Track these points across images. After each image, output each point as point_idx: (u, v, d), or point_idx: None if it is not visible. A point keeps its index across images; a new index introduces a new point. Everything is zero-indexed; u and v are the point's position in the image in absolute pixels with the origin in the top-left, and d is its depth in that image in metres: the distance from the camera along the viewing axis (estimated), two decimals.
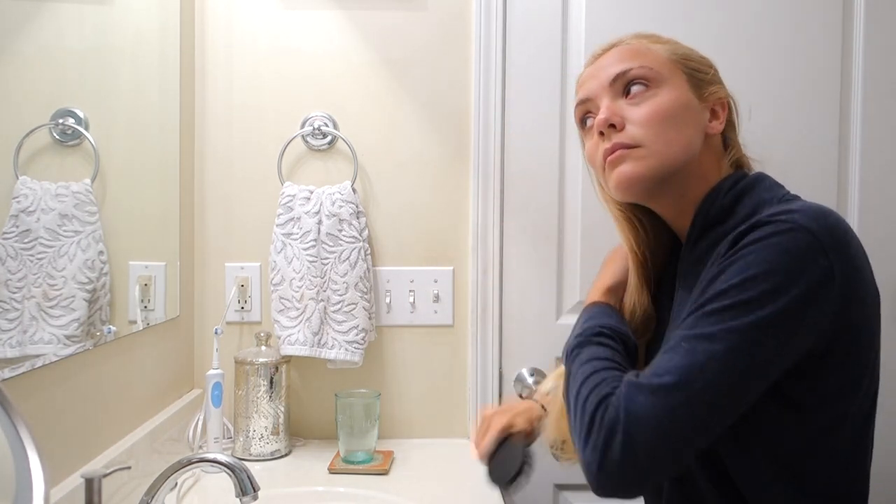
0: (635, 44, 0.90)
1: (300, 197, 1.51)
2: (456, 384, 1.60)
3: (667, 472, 0.75)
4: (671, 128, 0.85)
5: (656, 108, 0.85)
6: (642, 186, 0.86)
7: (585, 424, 0.76)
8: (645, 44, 0.90)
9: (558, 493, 1.59)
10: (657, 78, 0.86)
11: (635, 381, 0.75)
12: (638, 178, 0.85)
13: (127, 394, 1.23)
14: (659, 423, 0.71)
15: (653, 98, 0.86)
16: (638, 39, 0.91)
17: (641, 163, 0.85)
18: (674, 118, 0.85)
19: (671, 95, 0.86)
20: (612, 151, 0.86)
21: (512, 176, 1.57)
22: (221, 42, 1.56)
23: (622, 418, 0.72)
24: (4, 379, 0.85)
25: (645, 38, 0.91)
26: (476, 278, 1.57)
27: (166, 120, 1.42)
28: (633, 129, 0.85)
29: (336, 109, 1.57)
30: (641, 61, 0.87)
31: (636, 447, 0.71)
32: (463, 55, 1.57)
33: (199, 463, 1.00)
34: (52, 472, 0.77)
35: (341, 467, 1.39)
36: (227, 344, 1.55)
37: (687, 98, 0.87)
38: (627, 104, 0.87)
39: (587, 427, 0.76)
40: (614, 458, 0.72)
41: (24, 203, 0.92)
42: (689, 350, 0.73)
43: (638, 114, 0.86)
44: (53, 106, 1.01)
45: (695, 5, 1.56)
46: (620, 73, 0.87)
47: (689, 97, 0.87)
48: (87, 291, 1.05)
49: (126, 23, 1.23)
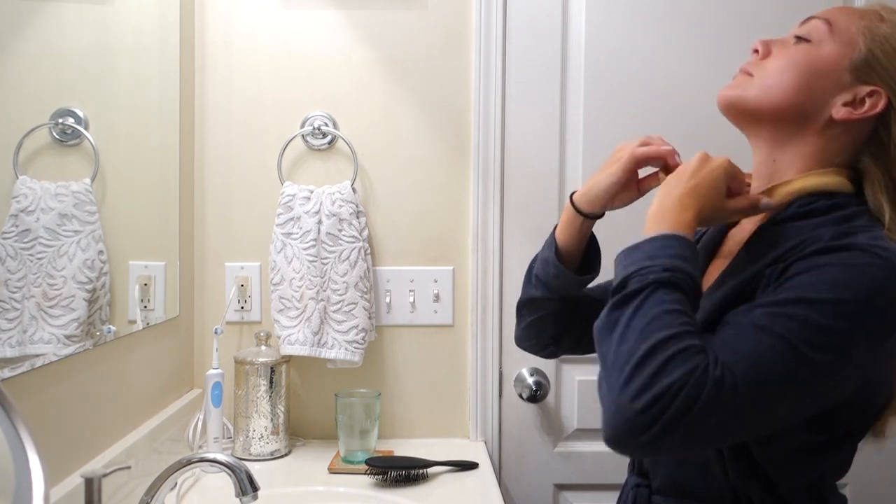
0: (857, 9, 0.88)
1: (300, 196, 1.51)
2: (456, 384, 1.59)
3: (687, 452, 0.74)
4: (789, 76, 0.85)
5: (790, 55, 0.86)
6: (729, 108, 0.89)
7: (649, 362, 0.70)
8: (869, 12, 0.86)
9: (558, 493, 1.59)
10: (822, 39, 0.85)
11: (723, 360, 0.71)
12: (727, 99, 0.88)
13: (127, 393, 1.22)
14: (721, 414, 0.70)
15: (801, 48, 0.86)
16: (878, 6, 0.87)
17: (739, 90, 0.88)
18: (799, 70, 0.85)
19: (815, 54, 0.85)
20: (739, 71, 0.90)
21: (512, 176, 1.57)
22: (221, 42, 1.56)
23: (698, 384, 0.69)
24: (4, 379, 0.85)
25: (885, 9, 0.86)
26: (476, 278, 1.57)
27: (166, 119, 1.42)
28: (767, 62, 0.87)
29: (336, 109, 1.57)
30: (827, 16, 0.86)
31: (689, 421, 0.68)
32: (463, 55, 1.57)
33: (199, 463, 1.00)
34: (51, 472, 0.77)
35: (341, 467, 1.39)
36: (227, 344, 1.55)
37: (833, 65, 0.84)
38: (786, 46, 0.88)
39: (651, 367, 0.69)
40: (659, 415, 0.68)
41: (24, 203, 0.92)
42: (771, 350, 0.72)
43: (778, 53, 0.87)
44: (53, 105, 1.01)
45: (695, 5, 1.56)
46: (805, 21, 0.89)
47: (839, 67, 0.84)
48: (86, 291, 1.05)
49: (126, 22, 1.23)
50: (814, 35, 0.86)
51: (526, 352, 1.15)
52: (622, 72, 1.56)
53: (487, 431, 1.57)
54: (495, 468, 1.50)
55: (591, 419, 1.58)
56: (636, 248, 0.79)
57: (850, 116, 0.83)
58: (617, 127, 1.55)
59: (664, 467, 0.88)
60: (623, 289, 0.76)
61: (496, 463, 1.56)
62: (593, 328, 0.78)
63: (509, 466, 1.59)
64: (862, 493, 1.52)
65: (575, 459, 1.58)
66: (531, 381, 1.56)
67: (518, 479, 1.59)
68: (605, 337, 0.75)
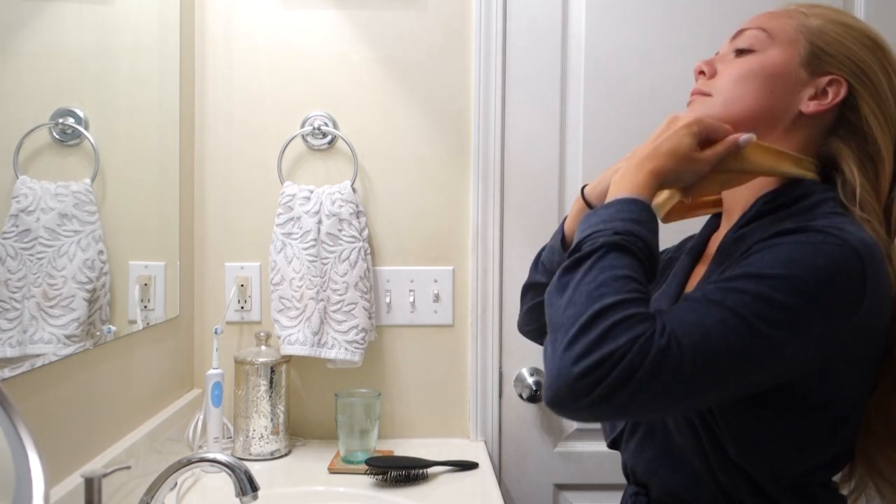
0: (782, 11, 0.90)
1: (300, 196, 1.51)
2: (456, 384, 1.59)
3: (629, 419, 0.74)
4: (745, 86, 0.86)
5: (741, 66, 0.87)
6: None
7: (594, 327, 0.69)
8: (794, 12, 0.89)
9: (558, 493, 1.59)
10: (765, 46, 0.87)
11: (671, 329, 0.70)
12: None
13: (127, 393, 1.22)
14: (664, 383, 0.69)
15: (748, 58, 0.87)
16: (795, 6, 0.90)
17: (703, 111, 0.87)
18: (753, 78, 0.86)
19: (764, 59, 0.87)
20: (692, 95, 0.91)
21: (512, 176, 1.57)
22: (221, 42, 1.56)
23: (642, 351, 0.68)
24: (4, 379, 0.85)
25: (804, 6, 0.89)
26: (476, 278, 1.57)
27: (166, 119, 1.42)
28: (717, 80, 0.89)
29: (336, 109, 1.57)
30: (760, 24, 0.88)
31: (630, 388, 0.68)
32: (463, 54, 1.57)
33: (199, 463, 1.00)
34: (52, 472, 0.77)
35: (341, 467, 1.39)
36: (227, 344, 1.55)
37: (785, 66, 0.86)
38: (731, 60, 0.89)
39: (596, 332, 0.69)
40: (599, 380, 0.68)
41: (24, 203, 0.92)
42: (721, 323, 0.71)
43: (727, 69, 0.88)
44: (53, 105, 1.01)
45: (694, 5, 1.56)
46: (738, 34, 0.91)
47: (791, 67, 0.86)
48: (86, 291, 1.05)
49: (126, 22, 1.23)
50: (756, 44, 0.88)
51: (526, 338, 1.16)
52: (622, 71, 1.56)
53: (487, 431, 1.58)
54: (495, 468, 1.50)
55: None
56: (594, 213, 0.79)
57: (819, 108, 0.85)
58: (617, 126, 1.55)
59: (659, 477, 0.88)
60: (576, 252, 0.76)
61: (496, 463, 1.56)
62: (545, 293, 0.77)
63: (509, 466, 1.59)
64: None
65: (575, 459, 1.58)
66: (531, 381, 1.56)
67: (518, 479, 1.59)
68: (554, 300, 0.75)
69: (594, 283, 0.72)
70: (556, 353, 0.71)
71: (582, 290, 0.73)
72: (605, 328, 0.69)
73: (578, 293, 0.73)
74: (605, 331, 0.69)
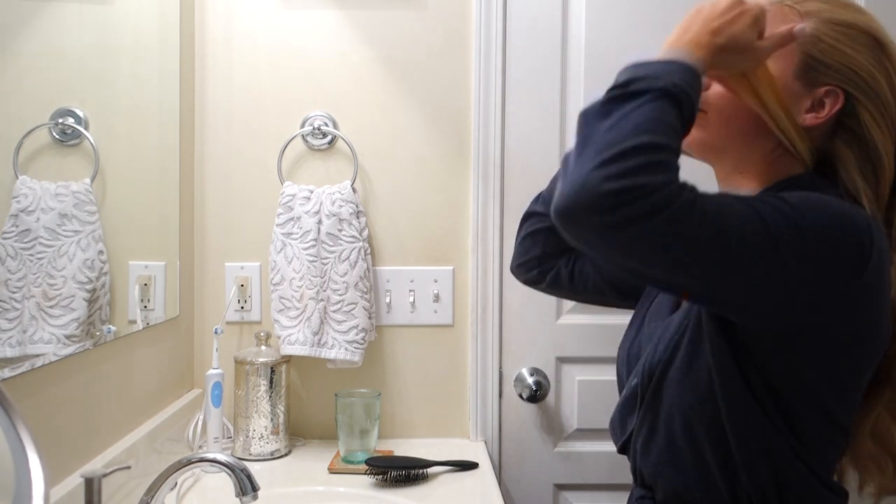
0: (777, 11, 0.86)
1: (300, 196, 1.51)
2: (456, 384, 1.59)
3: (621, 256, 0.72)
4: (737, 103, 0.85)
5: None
6: (700, 149, 0.90)
7: (635, 156, 0.68)
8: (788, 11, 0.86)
9: (558, 493, 1.59)
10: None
11: (699, 193, 0.71)
12: (695, 141, 0.88)
13: (127, 393, 1.22)
14: (677, 235, 0.69)
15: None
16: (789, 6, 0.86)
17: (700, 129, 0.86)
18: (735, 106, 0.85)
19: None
20: None
21: (512, 176, 1.57)
22: (221, 42, 1.56)
23: (671, 197, 0.68)
24: (4, 379, 0.85)
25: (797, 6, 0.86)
26: (476, 278, 1.57)
27: (166, 119, 1.42)
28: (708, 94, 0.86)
29: (336, 109, 1.57)
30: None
31: (646, 226, 0.68)
32: (463, 54, 1.57)
33: (198, 463, 1.00)
34: (51, 472, 0.77)
35: (341, 467, 1.39)
36: (227, 344, 1.55)
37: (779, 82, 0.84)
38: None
39: (636, 160, 0.68)
40: (623, 204, 0.67)
41: (24, 203, 0.92)
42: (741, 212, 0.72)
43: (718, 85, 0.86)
44: (53, 105, 1.01)
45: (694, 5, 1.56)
46: None
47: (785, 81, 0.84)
48: (86, 291, 1.05)
49: (126, 22, 1.23)
50: None
51: (516, 278, 1.21)
52: None
53: (487, 431, 1.58)
54: (495, 468, 1.50)
55: (591, 419, 1.58)
56: (647, 63, 0.77)
57: (816, 121, 0.84)
58: None
59: (665, 479, 0.88)
60: (625, 87, 0.74)
61: (496, 463, 1.56)
62: (579, 114, 0.75)
63: (509, 466, 1.59)
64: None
65: (575, 459, 1.58)
66: (531, 381, 1.56)
67: (518, 479, 1.59)
68: (592, 121, 0.73)
69: (644, 118, 0.71)
70: (584, 166, 0.69)
71: (631, 119, 0.71)
72: (646, 161, 0.68)
73: (626, 121, 0.71)
74: (645, 164, 0.68)
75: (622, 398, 0.96)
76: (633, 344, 0.98)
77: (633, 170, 0.68)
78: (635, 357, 0.95)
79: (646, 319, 0.98)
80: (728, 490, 0.83)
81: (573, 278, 1.14)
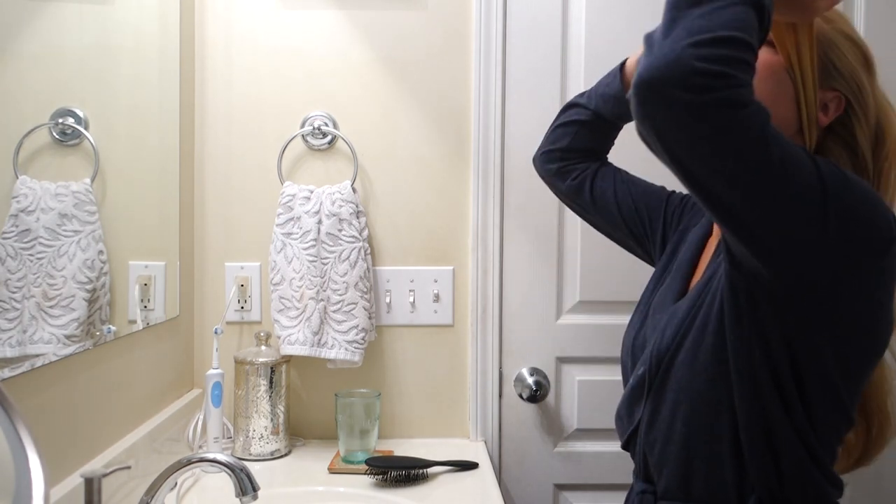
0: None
1: (300, 196, 1.51)
2: (456, 384, 1.59)
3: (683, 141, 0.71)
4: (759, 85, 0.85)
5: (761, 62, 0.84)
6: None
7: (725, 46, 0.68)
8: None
9: (558, 493, 1.59)
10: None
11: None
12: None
13: (127, 393, 1.22)
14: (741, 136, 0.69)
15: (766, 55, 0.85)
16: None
17: None
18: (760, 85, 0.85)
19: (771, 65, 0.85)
20: None
21: (512, 176, 1.57)
22: (221, 42, 1.56)
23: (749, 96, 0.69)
24: (4, 379, 0.85)
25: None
26: (476, 278, 1.57)
27: (166, 120, 1.42)
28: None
29: (336, 109, 1.57)
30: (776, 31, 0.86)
31: (722, 114, 0.68)
32: (463, 54, 1.57)
33: (198, 463, 1.00)
34: (51, 472, 0.77)
35: (341, 467, 1.39)
36: (227, 344, 1.55)
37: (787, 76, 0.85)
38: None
39: (724, 50, 0.68)
40: (710, 86, 0.67)
41: (24, 203, 0.92)
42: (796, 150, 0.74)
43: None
44: (53, 105, 1.01)
45: None
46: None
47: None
48: (86, 291, 1.05)
49: (126, 22, 1.23)
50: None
51: (534, 167, 1.23)
52: None
53: (487, 431, 1.58)
54: (495, 468, 1.50)
55: (591, 419, 1.58)
56: None
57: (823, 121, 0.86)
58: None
59: (669, 468, 0.88)
60: None
61: (496, 463, 1.56)
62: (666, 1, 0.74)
63: (509, 466, 1.59)
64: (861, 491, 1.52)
65: (575, 459, 1.58)
66: (531, 381, 1.56)
67: (518, 479, 1.59)
68: (683, 6, 0.71)
69: (736, 16, 0.70)
70: (677, 41, 0.68)
71: (723, 13, 0.70)
72: (738, 56, 0.68)
73: (721, 13, 0.70)
74: (737, 58, 0.68)
75: (628, 388, 0.96)
76: (638, 334, 0.98)
77: (726, 58, 0.67)
78: (641, 347, 0.95)
79: (650, 310, 0.99)
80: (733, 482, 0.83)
81: (593, 193, 1.14)
